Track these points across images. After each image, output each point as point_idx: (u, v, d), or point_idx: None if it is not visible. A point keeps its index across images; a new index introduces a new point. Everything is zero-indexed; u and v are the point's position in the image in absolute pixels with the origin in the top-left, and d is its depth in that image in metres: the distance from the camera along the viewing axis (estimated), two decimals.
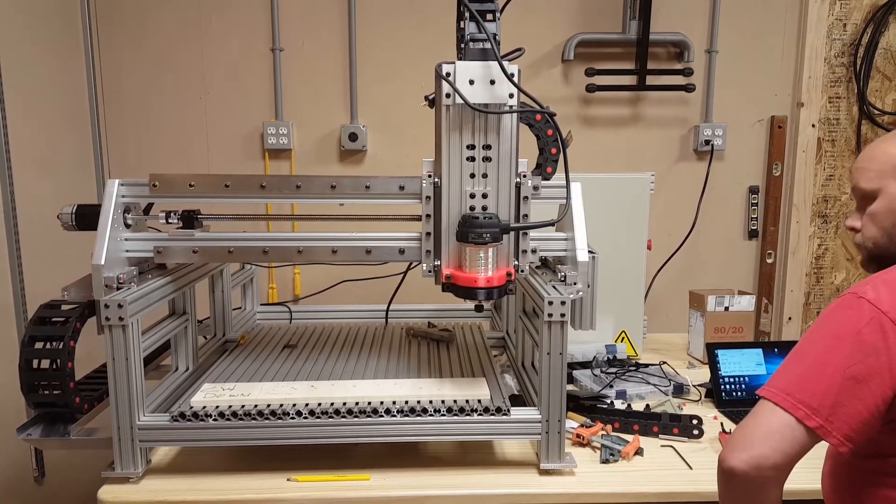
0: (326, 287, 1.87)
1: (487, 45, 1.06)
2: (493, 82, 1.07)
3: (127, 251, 1.18)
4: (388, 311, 1.73)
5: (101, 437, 1.17)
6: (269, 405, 1.16)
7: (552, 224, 1.18)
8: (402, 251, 1.19)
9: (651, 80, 2.10)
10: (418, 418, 1.16)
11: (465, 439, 1.22)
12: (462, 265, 1.12)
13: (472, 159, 1.12)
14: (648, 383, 1.55)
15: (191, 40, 2.09)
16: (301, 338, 1.59)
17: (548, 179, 1.21)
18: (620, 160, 2.18)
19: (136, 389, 1.12)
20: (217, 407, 1.16)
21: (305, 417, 1.15)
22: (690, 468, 1.21)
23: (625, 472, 1.20)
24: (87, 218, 1.24)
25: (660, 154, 2.19)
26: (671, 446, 1.28)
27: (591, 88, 2.09)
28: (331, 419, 1.15)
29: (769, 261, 2.25)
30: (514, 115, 1.11)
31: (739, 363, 1.52)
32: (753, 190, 2.23)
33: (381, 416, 1.15)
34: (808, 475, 0.99)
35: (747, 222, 2.25)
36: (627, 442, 1.26)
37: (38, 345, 1.13)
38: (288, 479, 1.15)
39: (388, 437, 1.16)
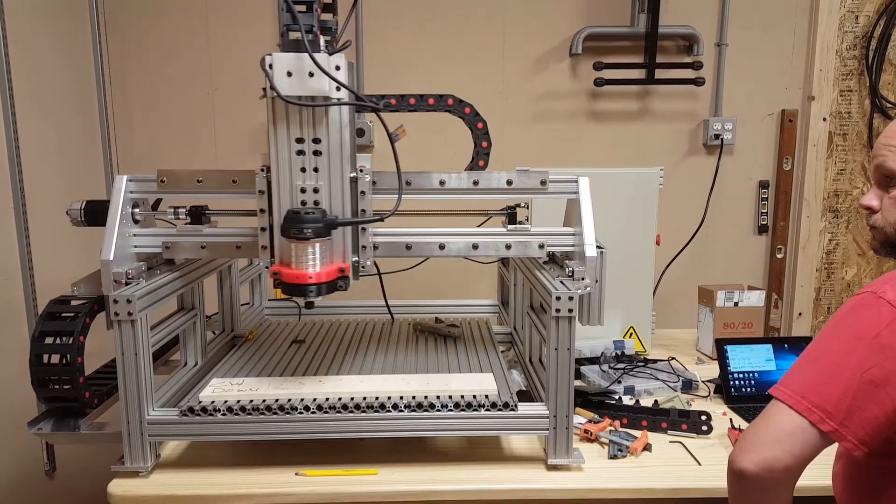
0: None
1: (308, 37, 1.01)
2: (311, 75, 1.04)
3: (135, 247, 1.19)
4: (388, 305, 1.72)
5: (110, 431, 1.17)
6: (277, 400, 1.16)
7: (381, 220, 1.13)
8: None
9: (660, 73, 2.08)
10: (426, 413, 1.16)
11: (473, 434, 1.22)
12: (290, 261, 1.10)
13: (302, 153, 1.09)
14: (657, 379, 1.54)
15: (198, 36, 2.09)
16: (309, 333, 1.59)
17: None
18: (629, 154, 2.17)
19: (145, 384, 1.13)
20: (225, 402, 1.16)
21: (313, 412, 1.15)
22: (699, 464, 1.20)
23: (633, 468, 1.19)
24: (95, 214, 1.25)
25: (669, 148, 2.18)
26: (680, 442, 1.28)
27: (599, 82, 2.08)
28: (338, 414, 1.15)
29: (779, 256, 2.23)
30: (347, 108, 1.07)
31: (749, 359, 1.51)
32: (763, 184, 2.21)
33: (389, 411, 1.16)
34: (818, 472, 0.98)
35: (757, 217, 2.23)
36: (636, 438, 1.25)
37: (49, 340, 1.14)
38: (296, 474, 1.16)
39: (395, 432, 1.16)
